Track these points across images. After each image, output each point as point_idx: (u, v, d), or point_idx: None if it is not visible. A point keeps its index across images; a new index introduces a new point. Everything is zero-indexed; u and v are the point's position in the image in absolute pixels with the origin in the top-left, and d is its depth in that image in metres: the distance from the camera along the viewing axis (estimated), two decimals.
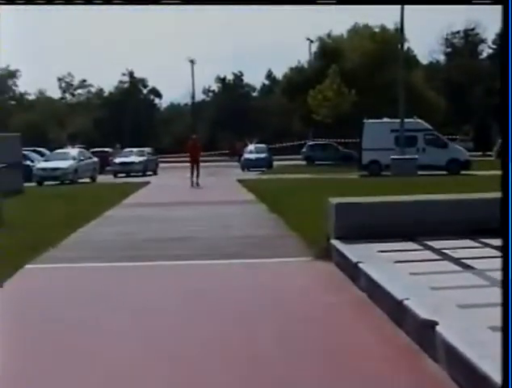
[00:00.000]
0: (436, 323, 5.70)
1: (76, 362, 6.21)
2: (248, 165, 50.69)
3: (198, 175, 32.48)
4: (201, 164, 33.49)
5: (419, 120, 42.18)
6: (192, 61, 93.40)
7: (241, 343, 6.64)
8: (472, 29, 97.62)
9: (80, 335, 7.04)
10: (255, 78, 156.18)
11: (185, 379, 5.73)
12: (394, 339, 6.45)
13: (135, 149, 50.21)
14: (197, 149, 33.81)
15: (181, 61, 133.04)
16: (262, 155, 52.66)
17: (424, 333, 5.92)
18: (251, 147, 55.72)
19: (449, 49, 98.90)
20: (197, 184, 31.44)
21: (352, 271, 8.91)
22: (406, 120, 39.34)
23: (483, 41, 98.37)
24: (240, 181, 32.99)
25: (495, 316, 5.88)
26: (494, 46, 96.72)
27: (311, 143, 62.18)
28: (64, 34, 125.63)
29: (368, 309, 7.60)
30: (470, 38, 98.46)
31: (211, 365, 6.03)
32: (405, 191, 18.88)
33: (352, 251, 9.53)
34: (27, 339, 6.98)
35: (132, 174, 45.61)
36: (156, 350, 6.46)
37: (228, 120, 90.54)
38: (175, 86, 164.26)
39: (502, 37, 4.15)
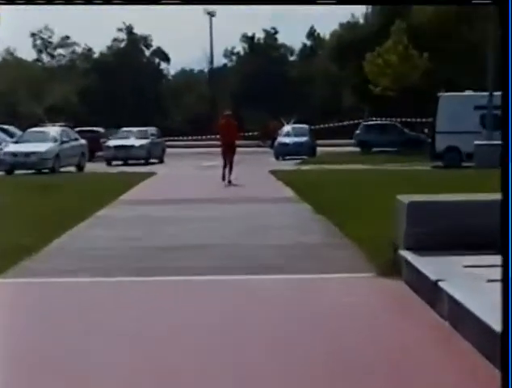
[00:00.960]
0: None
1: None
2: (283, 152, 50.62)
3: (231, 168, 30.20)
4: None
5: None
6: (211, 14, 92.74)
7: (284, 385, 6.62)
8: None
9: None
10: (293, 38, 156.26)
11: None
12: (492, 385, 6.41)
13: (135, 129, 50.15)
14: (231, 130, 31.21)
15: (196, 13, 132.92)
16: (302, 139, 52.72)
17: None
18: (287, 128, 55.52)
19: None
20: (229, 182, 29.40)
21: (430, 292, 8.87)
22: (496, 93, 38.74)
23: None
24: (273, 172, 33.13)
25: None
26: None
27: (367, 123, 61.96)
28: None
29: (453, 342, 7.55)
30: None
31: None
32: (497, 188, 18.76)
33: (430, 266, 9.49)
34: None
35: (131, 161, 45.68)
36: None
37: (258, 91, 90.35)
38: (188, 47, 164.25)
39: (502, 37, 4.88)
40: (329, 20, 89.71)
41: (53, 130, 42.80)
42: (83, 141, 42.97)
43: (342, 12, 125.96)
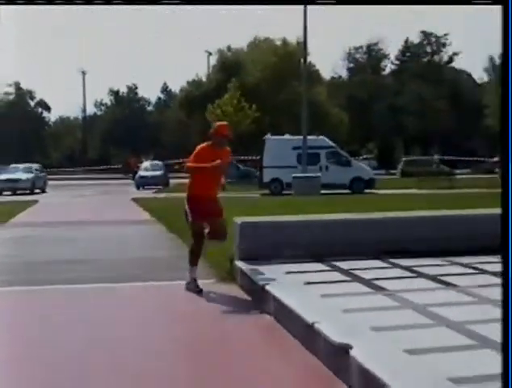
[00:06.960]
0: (350, 347, 5.76)
1: None
2: (143, 183, 50.82)
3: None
4: (94, 182, 31.95)
5: (322, 137, 42.66)
6: (83, 72, 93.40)
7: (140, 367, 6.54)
8: (376, 44, 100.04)
9: None
10: (151, 92, 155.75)
11: None
12: (306, 365, 6.48)
13: (21, 166, 49.47)
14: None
15: (72, 71, 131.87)
16: (158, 173, 52.92)
17: (337, 357, 5.97)
18: (146, 164, 56.03)
19: (352, 64, 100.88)
20: None
21: (259, 294, 8.93)
22: (309, 137, 39.69)
23: (386, 57, 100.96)
24: (135, 200, 32.78)
25: (409, 338, 6.02)
26: (397, 62, 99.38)
27: None
28: None
29: (277, 334, 7.62)
30: (373, 53, 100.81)
31: None
32: (309, 210, 19.11)
33: (258, 273, 9.57)
34: None
35: (19, 192, 44.78)
36: None
37: (122, 134, 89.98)
38: (65, 99, 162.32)
39: (502, 37, 4.23)
40: (178, 78, 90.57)
41: None
42: None
43: (189, 72, 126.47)
